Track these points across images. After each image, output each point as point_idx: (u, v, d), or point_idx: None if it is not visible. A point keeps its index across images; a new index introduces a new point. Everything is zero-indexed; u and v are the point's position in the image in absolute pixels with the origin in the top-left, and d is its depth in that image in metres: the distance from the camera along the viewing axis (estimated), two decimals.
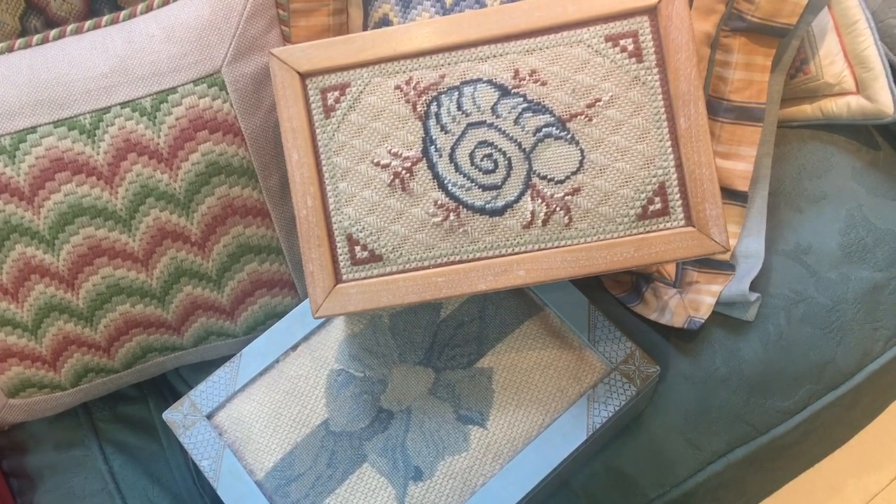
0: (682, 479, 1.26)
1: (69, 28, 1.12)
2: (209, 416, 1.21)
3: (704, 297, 1.27)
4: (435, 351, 1.19)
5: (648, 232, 1.00)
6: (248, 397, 1.21)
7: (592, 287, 1.30)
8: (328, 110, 1.03)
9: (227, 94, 1.11)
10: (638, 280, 1.32)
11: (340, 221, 1.04)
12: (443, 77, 1.01)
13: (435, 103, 1.01)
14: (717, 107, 1.27)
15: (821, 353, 1.29)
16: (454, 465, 1.13)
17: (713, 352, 1.28)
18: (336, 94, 1.03)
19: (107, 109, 1.09)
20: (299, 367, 1.21)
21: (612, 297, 1.33)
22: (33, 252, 1.10)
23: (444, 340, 1.20)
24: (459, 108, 1.00)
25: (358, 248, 1.03)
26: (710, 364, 1.28)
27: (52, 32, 1.12)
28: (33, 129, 1.08)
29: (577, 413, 1.14)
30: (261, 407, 1.20)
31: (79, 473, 1.30)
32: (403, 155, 1.01)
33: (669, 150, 0.99)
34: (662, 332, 1.30)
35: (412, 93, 1.01)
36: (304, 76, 1.03)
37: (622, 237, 1.00)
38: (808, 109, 1.43)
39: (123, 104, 1.09)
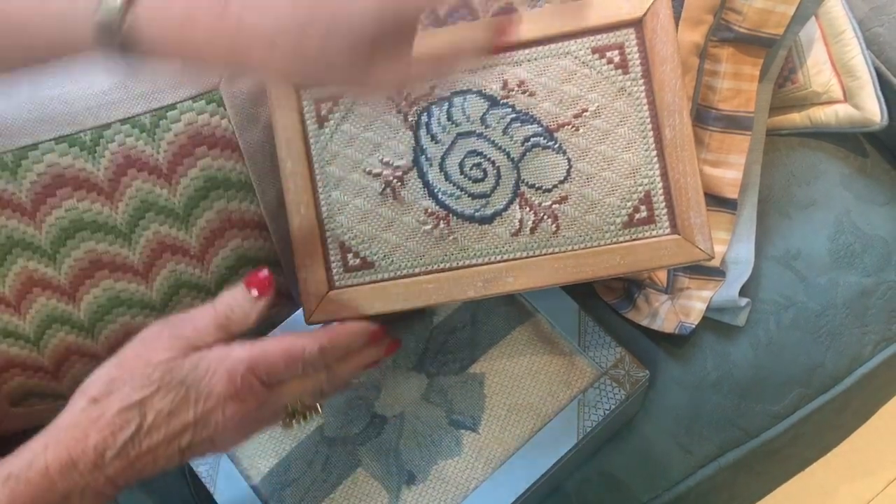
0: (673, 482, 1.28)
1: None
2: None
3: (695, 302, 1.28)
4: (428, 357, 1.21)
5: (635, 240, 1.01)
6: None
7: (584, 294, 1.31)
8: (321, 120, 1.05)
9: (225, 110, 1.13)
10: (630, 286, 1.34)
11: (333, 229, 1.05)
12: (433, 88, 1.03)
13: (425, 114, 1.03)
14: (706, 116, 1.29)
15: (810, 358, 1.31)
16: (446, 470, 1.14)
17: (704, 357, 1.30)
18: (329, 104, 1.05)
19: (107, 126, 1.10)
20: None
21: (605, 303, 1.35)
22: (35, 266, 1.12)
23: (437, 347, 1.21)
24: (449, 118, 1.02)
25: (350, 256, 1.05)
26: (701, 369, 1.29)
27: None
28: (35, 146, 1.09)
29: (568, 418, 1.15)
30: None
31: None
32: (395, 164, 1.03)
33: (655, 159, 1.00)
34: (654, 338, 1.32)
35: (403, 103, 1.03)
36: (298, 86, 1.05)
37: (609, 245, 1.01)
38: (796, 118, 1.44)
39: (123, 121, 1.10)
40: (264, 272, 0.95)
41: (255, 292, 0.94)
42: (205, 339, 0.90)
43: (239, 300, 0.94)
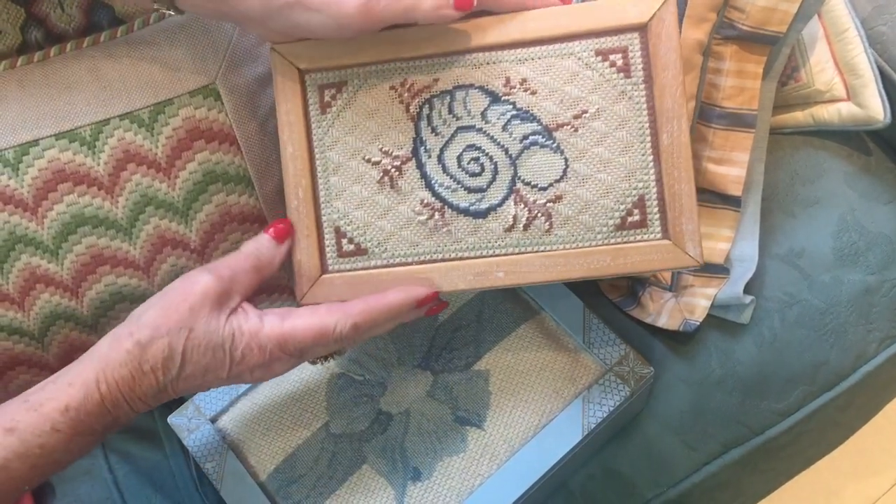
0: (678, 479, 1.28)
1: (69, 45, 1.13)
2: (213, 420, 1.23)
3: (699, 300, 1.28)
4: (433, 354, 1.21)
5: (626, 242, 1.01)
6: (251, 401, 1.23)
7: (589, 292, 1.31)
8: (324, 106, 1.05)
9: (223, 104, 1.13)
10: (634, 284, 1.34)
11: (329, 214, 1.05)
12: (436, 81, 1.02)
13: (427, 105, 1.03)
14: (709, 113, 1.29)
15: (815, 355, 1.30)
16: (452, 466, 1.15)
17: (708, 354, 1.30)
18: (333, 91, 1.05)
19: (106, 121, 1.10)
20: (301, 371, 1.23)
21: (609, 301, 1.35)
22: (38, 262, 1.11)
23: (442, 344, 1.22)
24: (450, 111, 1.02)
25: (345, 241, 1.05)
26: (706, 366, 1.29)
27: (53, 49, 1.13)
28: (35, 142, 1.09)
29: (573, 414, 1.15)
30: (263, 410, 1.22)
31: (86, 482, 1.31)
32: (394, 154, 1.03)
33: (651, 164, 1.00)
34: (658, 335, 1.32)
35: (406, 94, 1.03)
36: (303, 72, 1.05)
37: (600, 246, 1.01)
38: (800, 116, 1.44)
39: (122, 116, 1.10)
40: (284, 222, 1.06)
41: (274, 236, 1.05)
42: (242, 280, 1.01)
43: (264, 243, 1.04)
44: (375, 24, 0.96)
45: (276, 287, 1.24)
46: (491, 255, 1.03)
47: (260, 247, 1.04)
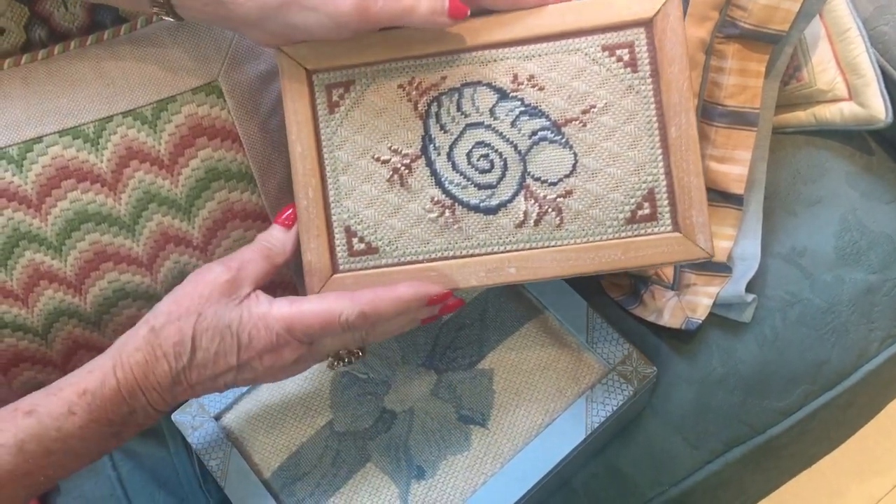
0: (680, 478, 1.28)
1: (73, 43, 1.13)
2: (217, 417, 1.23)
3: (701, 298, 1.28)
4: (437, 353, 1.21)
5: (636, 236, 1.01)
6: (255, 399, 1.23)
7: (592, 291, 1.31)
8: (332, 106, 1.05)
9: (225, 101, 1.13)
10: (636, 283, 1.34)
11: (339, 213, 1.05)
12: (444, 78, 1.02)
13: (435, 103, 1.02)
14: (712, 111, 1.29)
15: (816, 354, 1.30)
16: (456, 464, 1.15)
17: (710, 353, 1.30)
18: (340, 90, 1.04)
19: (109, 118, 1.10)
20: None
21: (611, 299, 1.35)
22: (42, 258, 1.11)
23: (446, 343, 1.22)
24: (459, 108, 1.02)
25: (355, 240, 1.05)
26: (708, 365, 1.29)
27: (57, 48, 1.13)
28: (39, 139, 1.09)
29: (576, 413, 1.15)
30: (267, 408, 1.22)
31: (90, 479, 1.31)
32: (403, 152, 1.03)
33: (660, 157, 1.00)
34: (661, 334, 1.32)
35: (414, 92, 1.03)
36: (310, 72, 1.04)
37: (611, 240, 1.01)
38: (802, 115, 1.44)
39: (125, 113, 1.10)
40: (287, 208, 1.07)
41: (282, 223, 1.07)
42: (252, 269, 1.03)
43: (274, 233, 1.06)
44: (372, 24, 0.96)
45: (279, 284, 1.24)
46: (502, 251, 1.03)
47: (270, 237, 1.06)
